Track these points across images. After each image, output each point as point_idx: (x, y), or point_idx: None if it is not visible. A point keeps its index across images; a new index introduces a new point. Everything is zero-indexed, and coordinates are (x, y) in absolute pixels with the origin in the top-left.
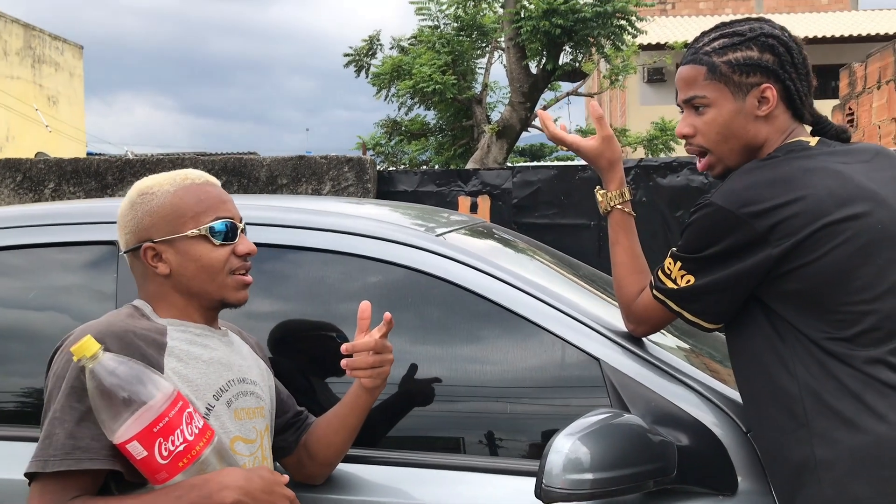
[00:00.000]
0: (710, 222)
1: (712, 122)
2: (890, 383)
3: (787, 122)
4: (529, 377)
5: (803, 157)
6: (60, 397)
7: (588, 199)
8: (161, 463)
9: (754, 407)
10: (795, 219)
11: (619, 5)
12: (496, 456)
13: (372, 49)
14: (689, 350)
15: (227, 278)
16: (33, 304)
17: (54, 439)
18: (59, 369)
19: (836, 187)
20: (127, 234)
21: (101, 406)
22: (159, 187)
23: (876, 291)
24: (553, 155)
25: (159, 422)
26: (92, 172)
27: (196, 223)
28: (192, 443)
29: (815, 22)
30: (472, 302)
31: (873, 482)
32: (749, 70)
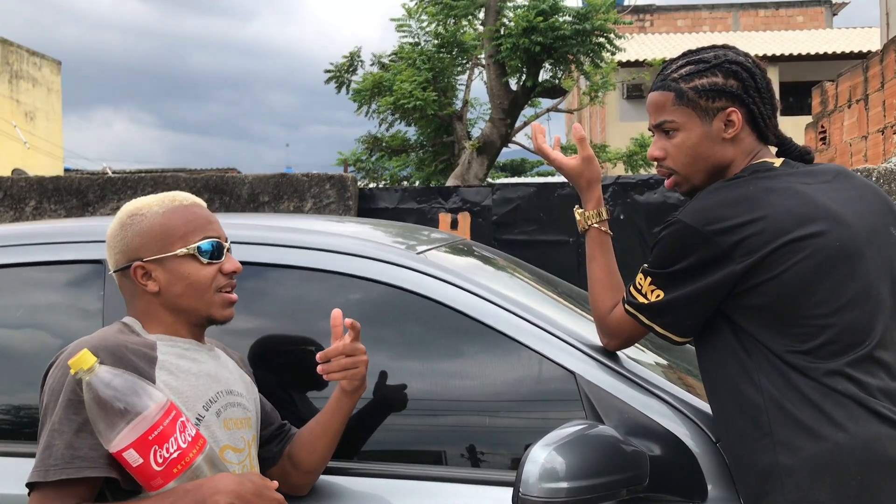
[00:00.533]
0: (677, 239)
1: (681, 145)
2: (847, 393)
3: (752, 143)
4: (508, 391)
5: (767, 178)
6: (58, 409)
7: (567, 217)
8: (156, 470)
9: (722, 417)
10: (757, 237)
11: (598, 23)
12: (476, 467)
13: (353, 65)
14: (664, 365)
15: (215, 296)
16: (20, 323)
17: (54, 450)
18: (54, 383)
19: (796, 207)
20: (117, 254)
21: (97, 416)
22: (148, 209)
23: (834, 306)
24: (534, 170)
25: (154, 430)
26: (73, 190)
27: (184, 243)
28: (185, 450)
29: (790, 40)
30: (451, 318)
31: (833, 487)
32: (715, 95)
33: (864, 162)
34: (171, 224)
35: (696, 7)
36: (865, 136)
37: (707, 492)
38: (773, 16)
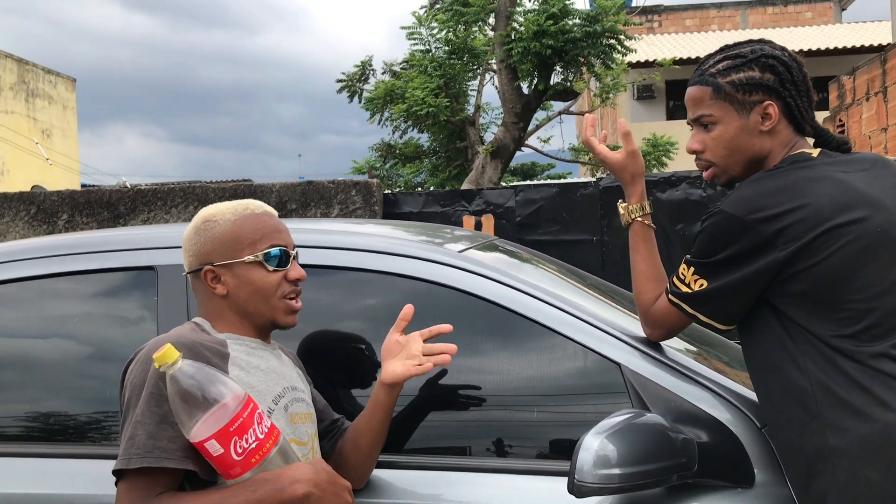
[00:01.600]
0: (720, 229)
1: (719, 138)
2: (894, 375)
3: (789, 135)
4: (556, 383)
5: (806, 168)
6: (141, 402)
7: (589, 216)
8: (236, 459)
9: (769, 403)
10: (800, 224)
11: (608, 25)
12: (529, 458)
13: (364, 74)
14: (700, 353)
15: (279, 302)
16: (78, 328)
17: (136, 440)
18: (135, 378)
19: (837, 194)
20: (190, 257)
21: (180, 408)
22: (222, 215)
23: (877, 290)
24: (545, 174)
25: (235, 422)
26: (104, 203)
27: (252, 250)
28: (262, 441)
29: (800, 36)
30: (497, 314)
31: (884, 466)
32: (751, 89)
33: (885, 154)
34: (241, 231)
35: (704, 6)
36: (885, 129)
37: (755, 476)
38: (782, 13)
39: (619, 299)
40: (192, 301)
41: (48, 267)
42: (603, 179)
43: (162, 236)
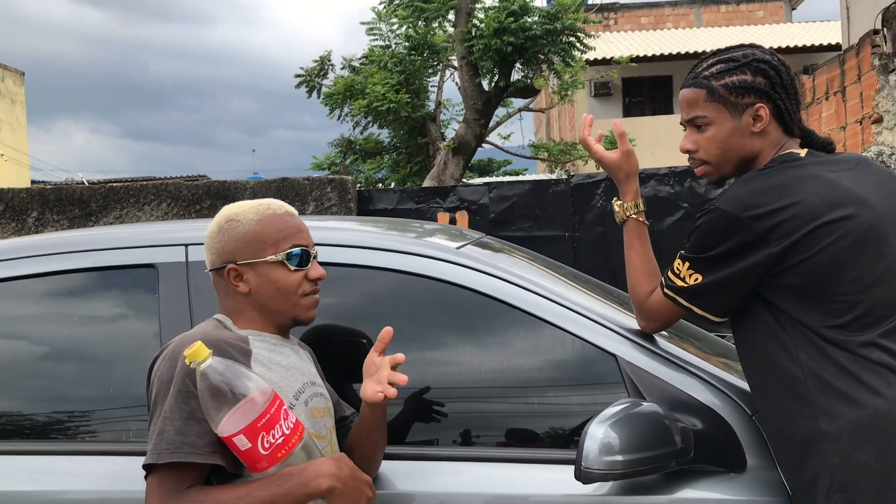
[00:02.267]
0: (716, 225)
1: (712, 138)
2: (882, 362)
3: (778, 136)
4: (554, 374)
5: (796, 167)
6: (169, 399)
7: (561, 212)
8: (263, 454)
9: (762, 391)
10: (793, 220)
11: (568, 23)
12: (532, 447)
13: (323, 69)
14: (690, 345)
15: (300, 300)
16: (80, 327)
17: (165, 435)
18: (163, 375)
19: (826, 192)
20: (213, 255)
21: (210, 404)
22: (245, 215)
23: (865, 283)
24: (501, 170)
25: (263, 417)
26: (76, 200)
27: (275, 249)
28: (288, 436)
29: (752, 35)
30: (497, 309)
31: (875, 449)
32: (744, 92)
33: (844, 151)
34: (264, 231)
35: (659, 4)
36: (844, 127)
37: (746, 461)
38: (735, 11)
39: (605, 293)
40: (193, 298)
41: (48, 265)
42: (574, 177)
43: (162, 234)
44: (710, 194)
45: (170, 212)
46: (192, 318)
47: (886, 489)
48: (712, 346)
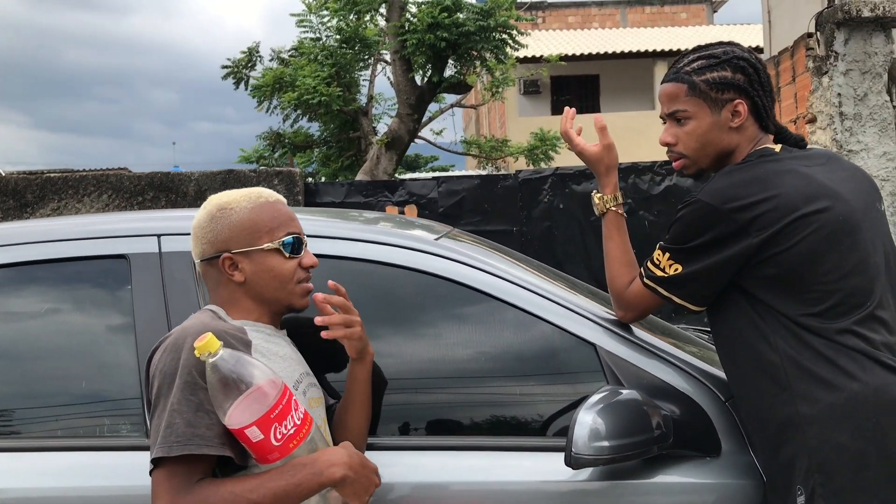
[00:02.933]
0: (696, 217)
1: (692, 132)
2: (857, 348)
3: (755, 132)
4: (535, 363)
5: (773, 161)
6: (175, 391)
7: (510, 207)
8: (275, 445)
9: (740, 378)
10: (772, 213)
11: (501, 20)
12: (515, 435)
13: (251, 61)
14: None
15: (295, 287)
16: (50, 318)
17: (175, 427)
18: (165, 367)
19: (803, 186)
20: (204, 245)
21: (220, 396)
22: (237, 203)
23: (840, 273)
24: (428, 166)
25: (275, 409)
26: (9, 191)
27: (270, 237)
28: (299, 427)
29: (675, 36)
30: (477, 299)
31: (851, 431)
32: (724, 87)
33: None
34: (258, 219)
35: (586, 4)
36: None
37: (721, 446)
38: (659, 12)
39: (575, 285)
40: (168, 289)
41: (17, 254)
42: (523, 172)
43: (134, 225)
44: (652, 191)
45: (111, 203)
46: (168, 309)
47: (862, 469)
48: (680, 336)
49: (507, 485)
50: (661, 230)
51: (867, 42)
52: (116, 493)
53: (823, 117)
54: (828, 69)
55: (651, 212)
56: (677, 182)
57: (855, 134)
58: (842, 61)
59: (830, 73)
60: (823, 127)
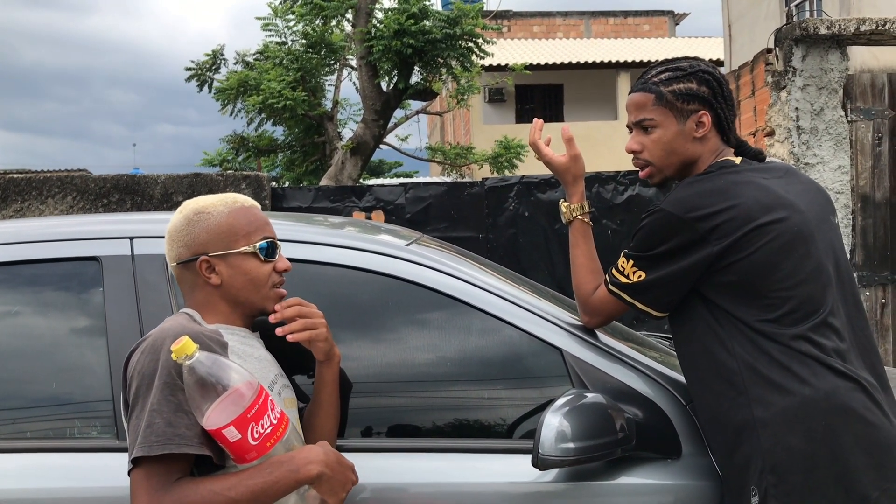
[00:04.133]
0: (659, 225)
1: (658, 140)
2: (809, 354)
3: (717, 143)
4: (503, 367)
5: (733, 173)
6: (155, 392)
7: (476, 214)
8: (252, 444)
9: (698, 381)
10: (731, 222)
11: (468, 28)
12: (481, 437)
13: (216, 64)
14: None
15: (270, 291)
16: (20, 319)
17: (155, 427)
18: (143, 368)
19: (761, 197)
20: (180, 248)
21: (198, 397)
22: (214, 208)
23: (795, 280)
24: (392, 171)
25: (251, 409)
26: None
27: (247, 241)
28: (276, 426)
29: (638, 47)
30: (447, 304)
31: (803, 434)
32: (689, 99)
33: None
34: (235, 223)
35: (550, 14)
36: None
37: (681, 448)
38: (622, 24)
39: (540, 291)
40: (140, 291)
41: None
42: (489, 180)
43: (106, 227)
44: (615, 200)
45: (75, 205)
46: (140, 311)
47: (813, 469)
48: (642, 342)
49: (475, 486)
50: (624, 238)
51: (823, 59)
52: (88, 495)
53: (781, 131)
54: (786, 84)
55: (614, 220)
56: (640, 192)
57: (811, 147)
58: (799, 77)
59: (788, 88)
60: (781, 140)
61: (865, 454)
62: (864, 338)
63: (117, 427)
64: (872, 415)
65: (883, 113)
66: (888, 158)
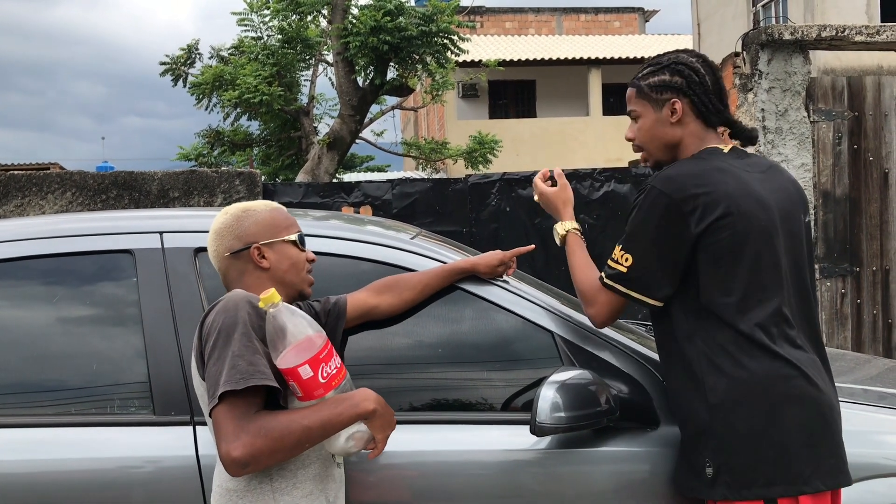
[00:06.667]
0: (648, 202)
1: (642, 127)
2: (759, 342)
3: (697, 127)
4: (502, 347)
5: (717, 160)
6: (236, 341)
7: (460, 209)
8: (321, 382)
9: (668, 368)
10: (707, 207)
11: (443, 25)
12: (481, 410)
13: (190, 58)
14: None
15: (306, 276)
16: (58, 309)
17: (239, 367)
18: (221, 324)
19: (736, 188)
20: (232, 241)
21: (277, 340)
22: (257, 206)
23: (754, 270)
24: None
25: (322, 351)
26: None
27: (287, 232)
28: (340, 368)
29: (609, 44)
30: (450, 291)
31: (745, 415)
32: (662, 89)
33: None
34: (277, 217)
35: (523, 10)
36: None
37: (659, 420)
38: (593, 21)
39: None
40: (172, 281)
41: (30, 248)
42: (472, 177)
43: (137, 222)
44: (592, 196)
45: (74, 201)
46: (172, 300)
47: (755, 450)
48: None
49: (475, 454)
50: (601, 233)
51: (787, 62)
52: (126, 465)
53: None
54: (752, 86)
55: (591, 215)
56: (615, 188)
57: (776, 147)
58: (765, 79)
59: (755, 90)
60: None
61: (801, 433)
62: (812, 326)
63: (153, 404)
64: (809, 396)
65: (843, 114)
66: (847, 157)
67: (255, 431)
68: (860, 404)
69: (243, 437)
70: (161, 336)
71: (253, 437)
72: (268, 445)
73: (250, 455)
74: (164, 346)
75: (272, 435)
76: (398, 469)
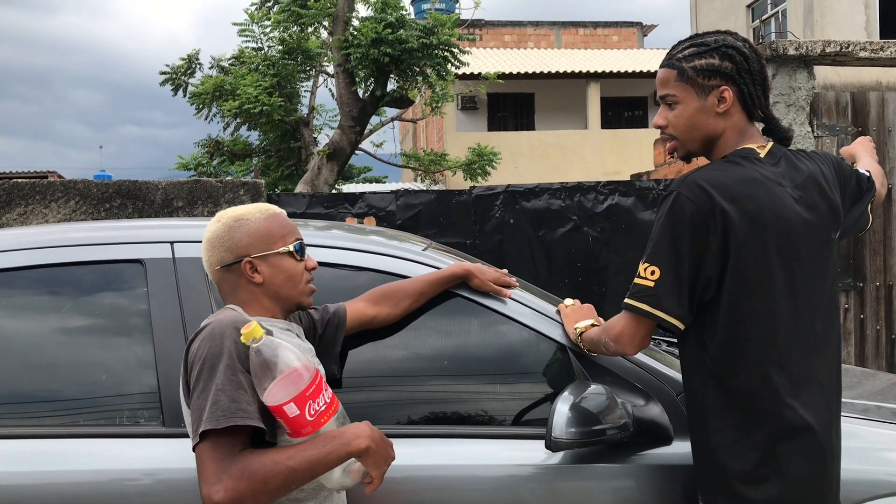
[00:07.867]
0: (674, 210)
1: (679, 115)
2: (757, 392)
3: (741, 120)
4: (517, 361)
5: (751, 168)
6: (220, 373)
7: (464, 221)
8: (308, 420)
9: (686, 397)
10: (734, 220)
11: (444, 38)
12: (499, 425)
13: (191, 68)
14: None
15: (304, 286)
16: (68, 318)
17: (221, 404)
18: (206, 353)
19: (756, 210)
20: (223, 253)
21: (262, 376)
22: (251, 215)
23: (767, 297)
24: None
25: (310, 388)
26: None
27: (283, 243)
28: (329, 404)
29: (607, 58)
30: (463, 304)
31: (748, 463)
32: (710, 74)
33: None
34: (272, 227)
35: (522, 24)
36: None
37: (671, 436)
38: (592, 35)
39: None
40: (182, 291)
41: (40, 258)
42: (476, 189)
43: (148, 232)
44: (595, 209)
45: (78, 209)
46: (182, 309)
47: (757, 488)
48: None
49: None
50: (604, 245)
51: (792, 77)
52: (134, 477)
53: None
54: None
55: (594, 228)
56: (619, 201)
57: None
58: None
59: None
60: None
61: (801, 482)
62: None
63: (163, 415)
64: (811, 451)
65: (846, 129)
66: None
67: (238, 473)
68: (872, 421)
69: (225, 480)
70: (171, 347)
71: (236, 479)
72: (251, 488)
73: (232, 499)
74: (174, 357)
75: (256, 478)
76: (411, 483)
